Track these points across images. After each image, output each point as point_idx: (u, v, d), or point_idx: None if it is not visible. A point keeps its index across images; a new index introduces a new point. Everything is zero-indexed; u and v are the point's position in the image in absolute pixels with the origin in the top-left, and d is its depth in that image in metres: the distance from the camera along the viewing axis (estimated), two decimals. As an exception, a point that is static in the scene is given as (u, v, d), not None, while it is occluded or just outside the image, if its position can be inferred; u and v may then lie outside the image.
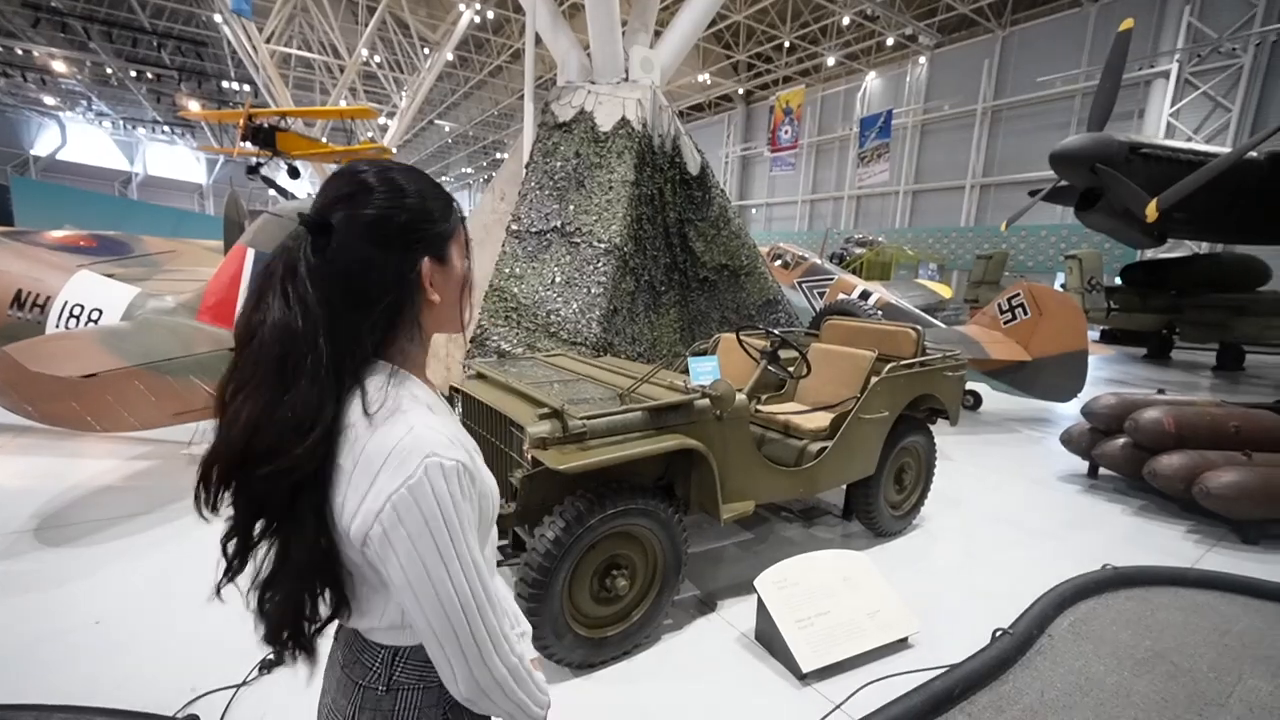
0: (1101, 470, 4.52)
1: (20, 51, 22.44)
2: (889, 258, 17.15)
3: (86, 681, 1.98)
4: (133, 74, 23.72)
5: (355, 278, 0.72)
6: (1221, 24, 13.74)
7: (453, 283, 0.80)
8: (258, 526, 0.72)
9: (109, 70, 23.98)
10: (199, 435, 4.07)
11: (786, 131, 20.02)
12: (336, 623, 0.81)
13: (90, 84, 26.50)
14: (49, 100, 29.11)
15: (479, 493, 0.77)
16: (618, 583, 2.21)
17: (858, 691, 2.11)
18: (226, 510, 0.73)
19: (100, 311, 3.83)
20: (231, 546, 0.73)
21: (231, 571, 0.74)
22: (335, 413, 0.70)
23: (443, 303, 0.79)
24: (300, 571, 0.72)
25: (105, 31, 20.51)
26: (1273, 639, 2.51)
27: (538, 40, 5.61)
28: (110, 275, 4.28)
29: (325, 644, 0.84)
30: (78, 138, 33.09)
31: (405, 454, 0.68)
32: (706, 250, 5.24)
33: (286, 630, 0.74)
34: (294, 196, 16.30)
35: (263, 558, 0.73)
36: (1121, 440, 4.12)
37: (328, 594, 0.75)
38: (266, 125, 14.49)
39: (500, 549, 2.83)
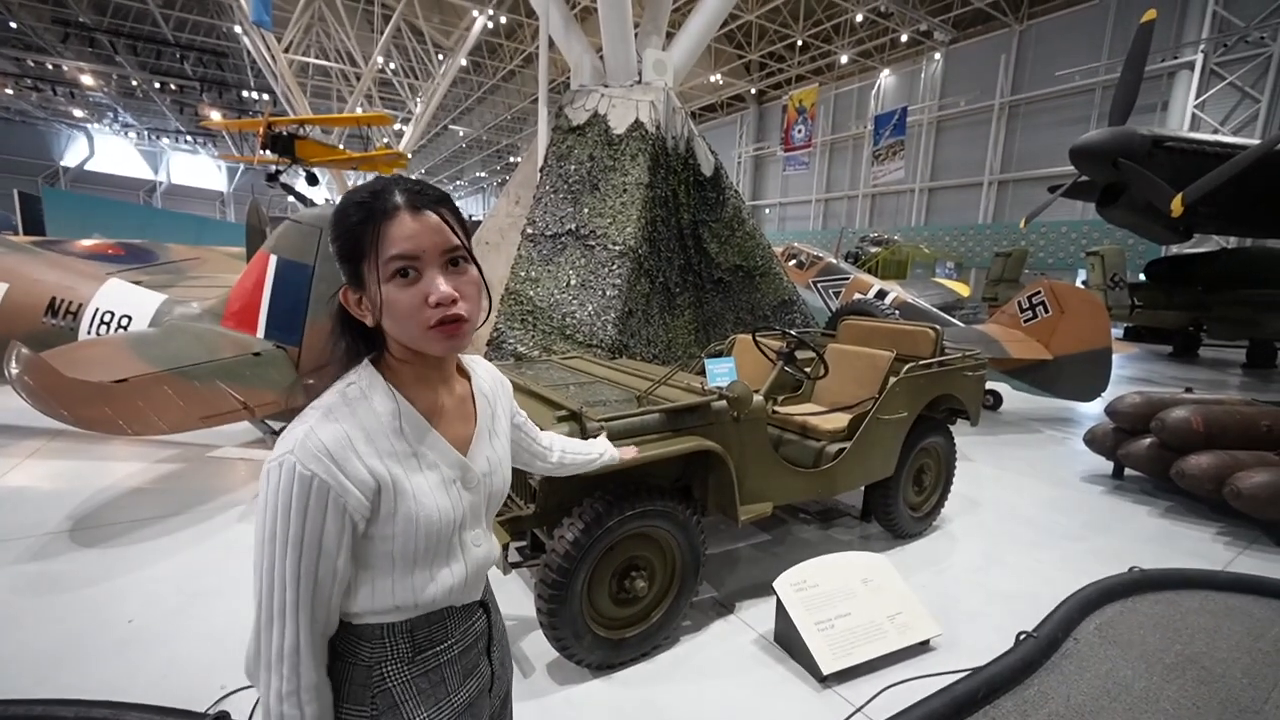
0: (1127, 471, 4.43)
1: (50, 66, 23.13)
2: (905, 256, 16.97)
3: (121, 678, 2.03)
4: (157, 85, 24.35)
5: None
6: (1249, 12, 13.41)
7: (376, 307, 0.79)
8: None
9: (134, 82, 24.63)
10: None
11: (800, 131, 19.92)
12: None
13: (116, 96, 27.23)
14: (77, 113, 29.96)
15: (389, 516, 0.78)
16: (636, 584, 2.22)
17: (879, 694, 2.10)
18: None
19: (129, 318, 3.94)
20: None
21: None
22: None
23: (379, 324, 0.80)
24: None
25: (131, 45, 21.08)
26: (1309, 644, 2.44)
27: (551, 44, 5.66)
28: (138, 282, 4.40)
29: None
30: (105, 148, 34.02)
31: (281, 443, 0.74)
32: (721, 251, 5.24)
33: None
34: (312, 203, 16.59)
35: None
36: (1147, 440, 4.04)
37: None
38: (285, 133, 14.78)
39: (519, 550, 2.85)
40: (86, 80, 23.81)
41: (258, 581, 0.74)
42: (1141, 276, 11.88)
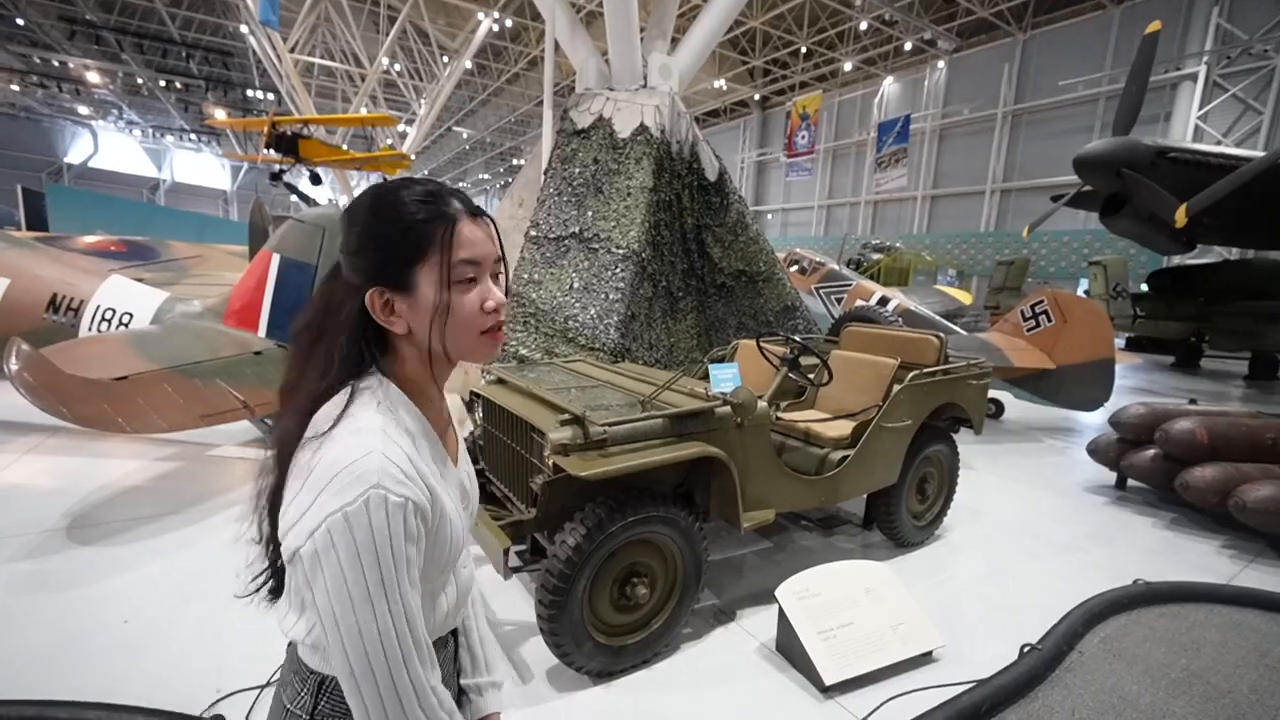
0: (1130, 482, 4.41)
1: (56, 63, 23.22)
2: (906, 263, 16.96)
3: (116, 680, 2.01)
4: (162, 84, 24.42)
5: (333, 293, 0.78)
6: (1251, 25, 13.44)
7: (421, 312, 0.74)
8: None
9: (140, 80, 24.70)
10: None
11: (803, 137, 19.96)
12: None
13: (122, 94, 27.29)
14: (82, 110, 30.03)
15: (433, 534, 0.73)
16: (637, 590, 2.20)
17: (882, 706, 2.07)
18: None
19: (131, 315, 3.93)
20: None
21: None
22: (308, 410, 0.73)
23: (416, 332, 0.75)
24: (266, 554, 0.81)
25: (137, 43, 21.12)
26: (1316, 660, 2.42)
27: (556, 48, 5.66)
28: (140, 280, 4.39)
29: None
30: (109, 145, 34.11)
31: (352, 479, 0.65)
32: (724, 256, 5.23)
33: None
34: (315, 202, 16.61)
35: None
36: (1151, 451, 4.02)
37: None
38: (290, 133, 14.80)
39: (519, 555, 2.83)
40: (92, 77, 23.88)
41: (368, 644, 0.64)
42: (1144, 287, 11.88)
